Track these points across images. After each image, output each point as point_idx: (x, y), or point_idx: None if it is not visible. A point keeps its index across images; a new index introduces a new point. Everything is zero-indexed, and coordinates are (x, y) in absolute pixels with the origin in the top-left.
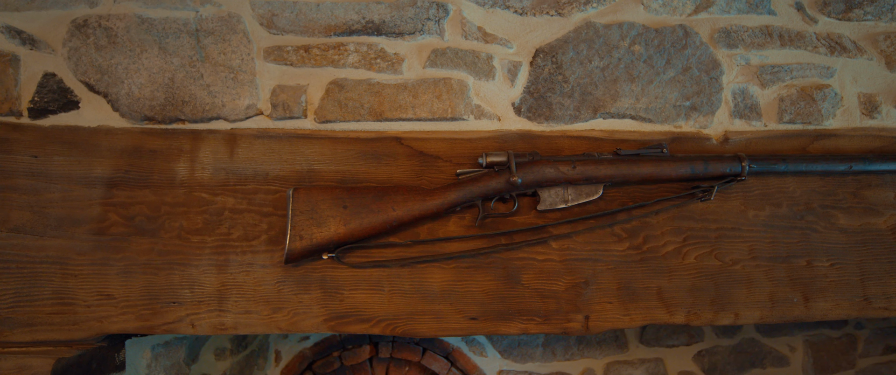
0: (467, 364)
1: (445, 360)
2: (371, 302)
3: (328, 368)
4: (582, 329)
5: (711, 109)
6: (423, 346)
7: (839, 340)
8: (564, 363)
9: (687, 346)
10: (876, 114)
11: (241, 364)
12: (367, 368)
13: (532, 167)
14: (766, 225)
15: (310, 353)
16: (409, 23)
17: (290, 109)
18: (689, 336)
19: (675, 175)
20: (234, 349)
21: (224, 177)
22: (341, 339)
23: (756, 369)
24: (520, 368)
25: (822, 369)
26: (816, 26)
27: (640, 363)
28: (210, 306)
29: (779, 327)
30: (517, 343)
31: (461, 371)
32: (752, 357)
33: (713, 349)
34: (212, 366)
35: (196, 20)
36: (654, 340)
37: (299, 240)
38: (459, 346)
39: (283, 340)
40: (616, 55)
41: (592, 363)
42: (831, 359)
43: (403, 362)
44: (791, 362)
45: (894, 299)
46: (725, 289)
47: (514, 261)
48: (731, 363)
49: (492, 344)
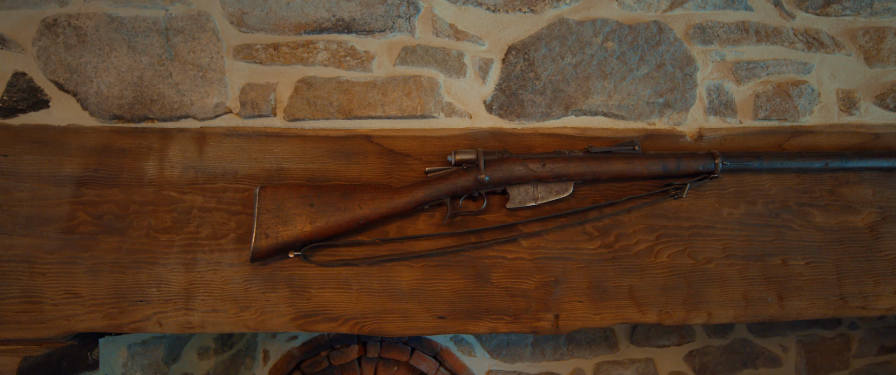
0: (456, 363)
1: (434, 360)
2: (339, 301)
3: (316, 367)
4: (552, 329)
5: (685, 106)
6: (411, 346)
7: (833, 340)
8: (554, 363)
9: (678, 346)
10: (854, 111)
11: (226, 363)
12: (355, 368)
13: (501, 165)
14: (741, 223)
15: (298, 353)
16: (379, 20)
17: (259, 107)
18: (679, 336)
19: (646, 172)
20: (218, 348)
21: (193, 176)
22: (329, 339)
23: (748, 369)
24: (509, 368)
25: (816, 369)
26: (794, 22)
27: (631, 363)
28: (177, 304)
29: (771, 327)
30: (506, 343)
31: (449, 371)
32: (744, 357)
33: (704, 349)
34: (195, 366)
35: (165, 19)
36: (644, 340)
37: (265, 239)
38: (448, 346)
39: (271, 339)
40: (589, 52)
41: (582, 363)
42: (825, 360)
43: (392, 361)
44: (784, 362)
45: (871, 298)
46: (698, 288)
47: (484, 260)
48: (722, 363)
49: (481, 344)
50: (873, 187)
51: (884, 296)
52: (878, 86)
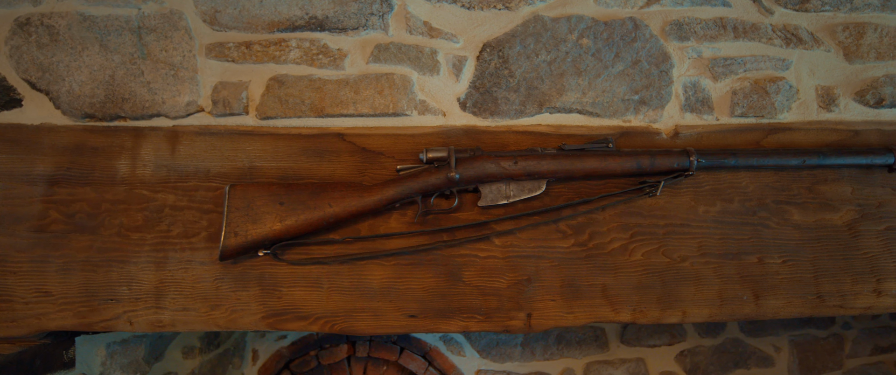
0: (445, 363)
1: (423, 359)
2: (309, 299)
3: (305, 367)
4: (524, 328)
5: (661, 103)
6: (400, 345)
7: (826, 340)
8: (544, 362)
9: (669, 346)
10: (833, 107)
11: (212, 362)
12: (344, 367)
13: (473, 162)
14: (717, 221)
15: (287, 352)
16: (352, 18)
17: (231, 106)
18: (670, 335)
19: (620, 170)
20: (203, 347)
21: (165, 175)
22: (318, 338)
23: (740, 369)
24: (498, 367)
25: (808, 369)
26: (772, 18)
27: (621, 363)
28: (148, 303)
29: (763, 326)
30: (496, 343)
31: (438, 371)
32: (735, 357)
33: (695, 349)
34: (179, 365)
35: (138, 17)
36: (635, 339)
37: (234, 237)
38: (437, 345)
39: (260, 339)
40: (563, 49)
41: (572, 362)
42: (818, 360)
43: (381, 361)
44: (776, 362)
45: (849, 297)
46: (673, 287)
47: (456, 258)
48: (714, 363)
49: (470, 343)
50: (852, 184)
51: (862, 295)
52: (858, 83)
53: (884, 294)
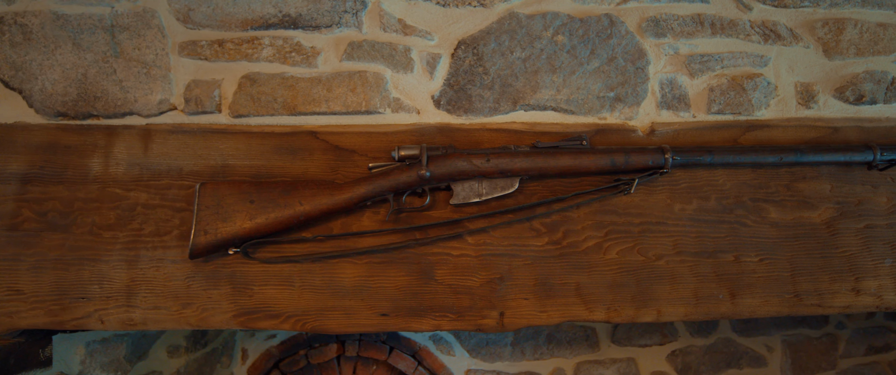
0: (434, 362)
1: (412, 359)
2: (281, 298)
3: (295, 366)
4: (497, 327)
5: (637, 100)
6: (389, 345)
7: (819, 340)
8: (534, 362)
9: (660, 346)
10: (812, 104)
11: (199, 361)
12: (334, 366)
13: (444, 160)
14: (693, 219)
15: (276, 351)
16: (325, 15)
17: (203, 104)
18: (662, 335)
19: (594, 167)
20: (189, 346)
21: (138, 173)
22: (308, 337)
23: (732, 369)
24: (488, 367)
25: (801, 370)
26: (751, 14)
27: (612, 362)
28: (119, 301)
29: (756, 326)
30: (486, 342)
31: (428, 370)
32: (727, 357)
33: (687, 348)
34: (164, 364)
35: (111, 16)
36: (625, 339)
37: (204, 235)
38: (426, 345)
39: (250, 338)
40: (538, 46)
41: (562, 362)
42: (811, 360)
43: (370, 360)
44: (768, 362)
45: (826, 296)
46: (647, 285)
47: (429, 257)
48: (705, 363)
49: (460, 343)
50: (831, 182)
51: (840, 294)
52: (838, 79)
53: (862, 292)
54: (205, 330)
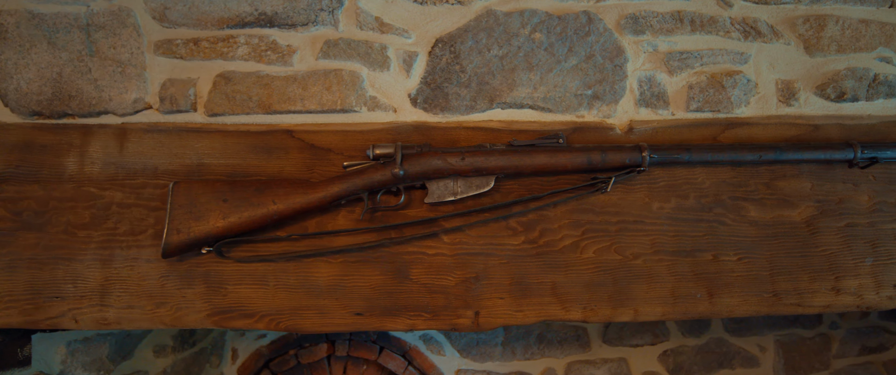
0: (424, 362)
1: (402, 359)
2: (255, 297)
3: (284, 366)
4: (472, 326)
5: (615, 98)
6: (379, 345)
7: (812, 340)
8: (524, 362)
9: (652, 346)
10: (793, 101)
11: (186, 361)
12: (324, 366)
13: (419, 159)
14: (671, 218)
15: (266, 351)
16: (302, 14)
17: (178, 103)
18: (653, 335)
19: (570, 166)
20: (176, 346)
21: (113, 172)
22: (298, 337)
23: (724, 369)
24: (478, 367)
25: (794, 370)
26: (732, 10)
27: (603, 362)
28: (92, 301)
29: (748, 326)
30: (476, 342)
31: (418, 370)
32: (719, 357)
33: (679, 348)
34: (150, 363)
35: (87, 15)
36: (617, 339)
37: (177, 234)
38: (416, 345)
39: (240, 338)
40: (515, 43)
41: (553, 362)
42: (804, 360)
43: (360, 360)
44: (761, 362)
45: (806, 295)
46: (624, 285)
47: (404, 256)
48: (697, 363)
49: (450, 343)
50: (812, 180)
51: (819, 293)
52: (819, 76)
53: (842, 292)
54: (193, 330)
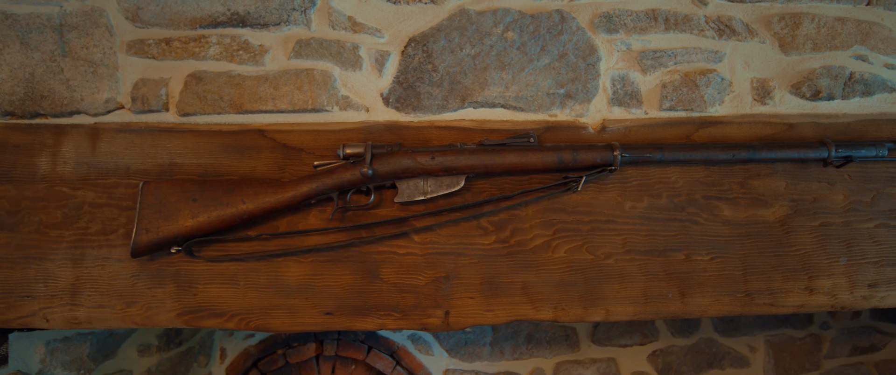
0: (412, 362)
1: (390, 358)
2: (225, 297)
3: (273, 365)
4: (442, 326)
5: (588, 97)
6: (367, 344)
7: (803, 340)
8: (513, 362)
9: (641, 346)
10: (768, 100)
11: (172, 360)
12: (313, 366)
13: (389, 158)
14: (644, 218)
15: (255, 350)
16: (274, 13)
17: (149, 102)
18: (642, 335)
19: (541, 165)
20: (162, 345)
21: (86, 172)
22: (286, 337)
23: (714, 370)
24: (467, 367)
25: (785, 370)
26: (707, 9)
27: (592, 362)
28: (63, 300)
29: (737, 326)
30: (464, 342)
31: (406, 370)
32: (709, 357)
33: (668, 349)
34: (134, 363)
35: (60, 15)
36: (606, 339)
37: (145, 233)
38: (405, 344)
39: (228, 337)
40: (488, 42)
41: (542, 362)
42: (794, 360)
43: (349, 360)
44: (751, 363)
45: (779, 295)
46: (596, 284)
47: (374, 255)
48: (687, 363)
49: (439, 343)
50: (786, 179)
51: (793, 293)
52: (794, 75)
53: (816, 291)
54: (179, 329)
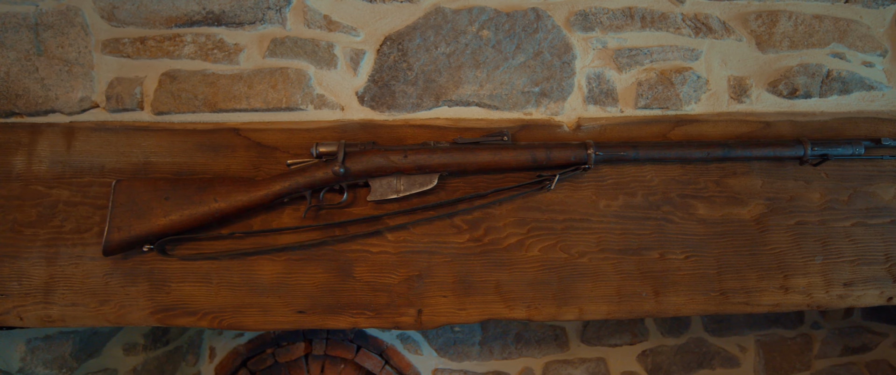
0: (401, 361)
1: (379, 358)
2: (198, 295)
3: (262, 365)
4: (415, 324)
5: (563, 95)
6: (356, 344)
7: (793, 340)
8: (502, 362)
9: (630, 346)
10: (745, 98)
11: (159, 359)
12: (302, 365)
13: (361, 157)
14: (619, 216)
15: (244, 350)
16: (249, 12)
17: (123, 101)
18: (632, 335)
19: (514, 163)
20: (148, 344)
21: (61, 170)
22: (275, 336)
23: (704, 369)
24: (456, 367)
25: (775, 370)
26: (683, 6)
27: (581, 362)
28: (37, 298)
29: (728, 326)
30: (453, 342)
31: (395, 369)
32: (699, 357)
33: (658, 348)
34: (119, 361)
35: (36, 14)
36: (595, 339)
37: (117, 232)
38: (393, 344)
39: (218, 337)
40: (463, 41)
41: (531, 362)
42: (785, 360)
43: (338, 359)
44: (741, 363)
45: (754, 293)
46: (569, 283)
47: (347, 254)
48: (676, 363)
49: (427, 342)
50: (762, 178)
51: (767, 292)
52: (771, 72)
53: (791, 290)
54: (166, 328)
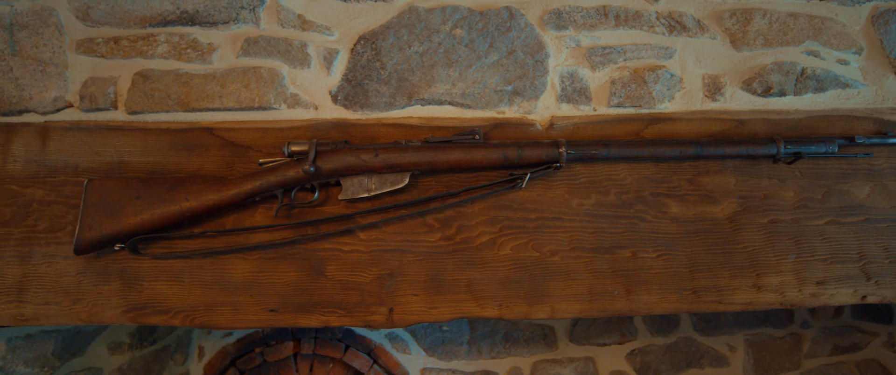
0: (389, 360)
1: (368, 357)
2: (170, 294)
3: (251, 364)
4: (386, 323)
5: (536, 94)
6: (345, 343)
7: (783, 340)
8: (490, 361)
9: (619, 345)
10: (719, 96)
11: (145, 359)
12: (291, 364)
13: (332, 156)
14: (591, 215)
15: (232, 349)
16: (223, 12)
17: (97, 101)
18: (621, 334)
19: (486, 162)
20: (134, 343)
21: (35, 170)
22: (264, 335)
23: (693, 369)
24: (444, 366)
25: (764, 370)
26: (657, 5)
27: (570, 361)
28: (9, 297)
29: (717, 325)
30: (442, 341)
31: (383, 369)
32: (688, 356)
33: (647, 347)
34: (104, 360)
35: (11, 14)
36: (584, 338)
37: (89, 230)
38: (382, 343)
39: (206, 336)
40: (436, 40)
41: (519, 361)
42: (774, 359)
43: (326, 359)
44: (730, 362)
45: (726, 292)
46: (541, 282)
47: (319, 252)
48: (665, 362)
49: (416, 341)
50: (736, 176)
51: (740, 290)
52: (746, 71)
53: (763, 289)
54: (153, 327)
